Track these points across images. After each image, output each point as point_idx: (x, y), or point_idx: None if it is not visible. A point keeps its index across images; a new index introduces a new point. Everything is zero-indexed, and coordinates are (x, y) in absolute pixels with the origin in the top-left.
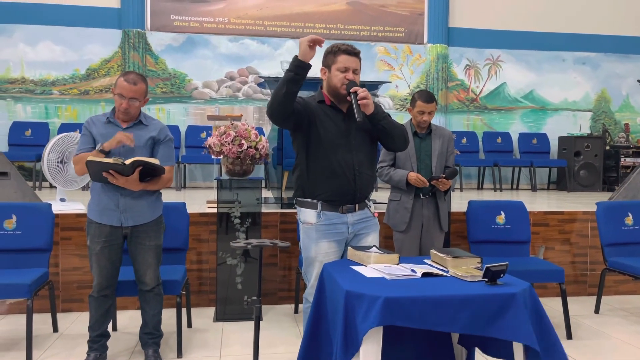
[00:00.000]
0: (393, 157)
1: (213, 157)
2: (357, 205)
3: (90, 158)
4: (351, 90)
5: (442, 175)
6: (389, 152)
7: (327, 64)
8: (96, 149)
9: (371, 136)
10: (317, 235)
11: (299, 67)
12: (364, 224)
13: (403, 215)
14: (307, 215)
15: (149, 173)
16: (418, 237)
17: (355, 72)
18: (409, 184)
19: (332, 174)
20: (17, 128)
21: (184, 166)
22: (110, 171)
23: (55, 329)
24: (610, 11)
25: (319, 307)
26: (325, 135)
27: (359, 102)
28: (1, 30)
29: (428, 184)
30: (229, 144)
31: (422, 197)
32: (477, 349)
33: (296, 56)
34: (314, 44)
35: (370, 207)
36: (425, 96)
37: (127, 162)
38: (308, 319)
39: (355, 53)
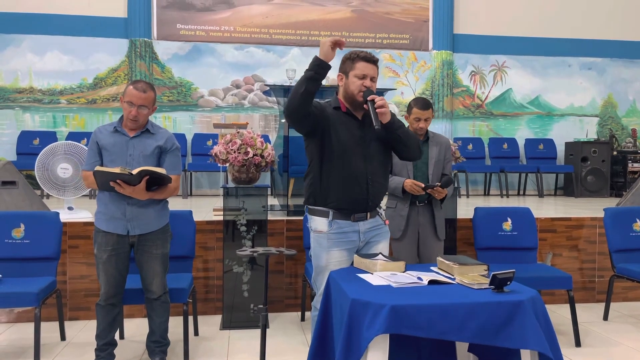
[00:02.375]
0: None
1: (219, 165)
2: (368, 214)
3: (97, 168)
4: (368, 99)
5: (437, 184)
6: None
7: (344, 70)
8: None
9: (385, 145)
10: (328, 244)
11: (319, 66)
12: (375, 232)
13: (399, 222)
14: (319, 223)
15: (156, 182)
16: (414, 244)
17: (373, 79)
18: (405, 191)
19: (345, 182)
20: (25, 137)
21: (190, 174)
22: (118, 181)
23: (62, 337)
24: (615, 16)
25: (326, 315)
26: (340, 142)
27: (376, 110)
28: (10, 40)
29: (423, 191)
30: (234, 152)
31: (418, 204)
32: None
33: (317, 56)
34: (335, 45)
35: (381, 214)
36: (421, 103)
37: (134, 171)
38: (315, 326)
39: (373, 61)
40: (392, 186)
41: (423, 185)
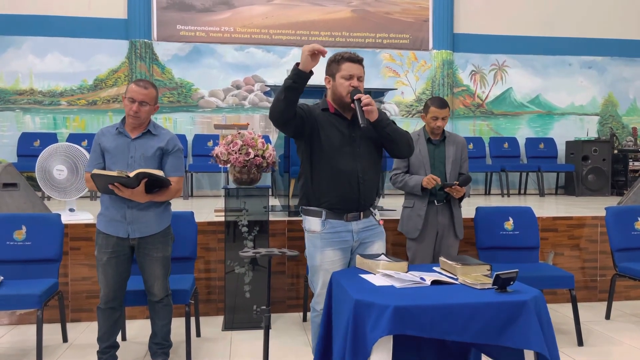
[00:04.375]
0: (407, 165)
1: (220, 166)
2: (361, 213)
3: (95, 171)
4: (355, 97)
5: (455, 182)
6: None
7: (331, 72)
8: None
9: (376, 143)
10: (322, 244)
11: (297, 75)
12: (369, 232)
13: (416, 222)
14: (312, 224)
15: (156, 184)
16: (432, 245)
17: (360, 79)
18: (423, 188)
19: (335, 181)
20: (25, 139)
21: (191, 175)
22: (115, 183)
23: (65, 339)
24: (615, 15)
25: (329, 316)
26: (328, 142)
27: (363, 108)
28: (10, 42)
29: (440, 181)
30: (236, 152)
31: (436, 204)
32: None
33: (297, 65)
34: (316, 53)
35: (375, 215)
36: (438, 102)
37: (131, 174)
38: (319, 328)
39: (358, 60)
40: (410, 184)
41: (440, 180)
